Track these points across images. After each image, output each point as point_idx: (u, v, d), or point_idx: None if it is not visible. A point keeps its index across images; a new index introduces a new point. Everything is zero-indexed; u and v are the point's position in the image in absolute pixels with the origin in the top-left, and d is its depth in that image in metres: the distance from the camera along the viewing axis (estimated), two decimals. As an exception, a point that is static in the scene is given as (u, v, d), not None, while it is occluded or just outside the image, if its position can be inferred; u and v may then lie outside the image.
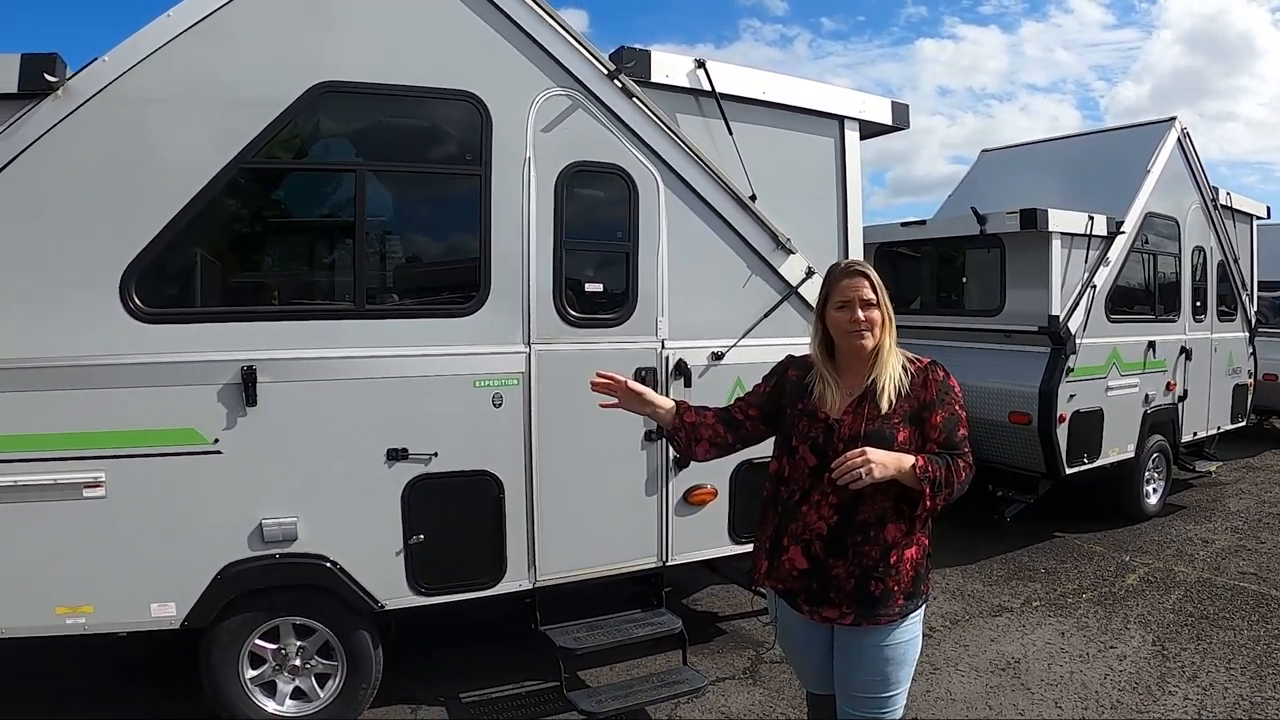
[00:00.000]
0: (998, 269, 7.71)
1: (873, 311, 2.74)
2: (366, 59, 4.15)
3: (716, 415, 2.97)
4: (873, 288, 2.76)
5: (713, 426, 2.94)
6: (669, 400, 3.02)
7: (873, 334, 2.74)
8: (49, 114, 3.70)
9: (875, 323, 2.74)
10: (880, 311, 2.75)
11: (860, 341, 2.74)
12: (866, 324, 2.73)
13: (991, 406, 7.47)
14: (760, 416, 2.99)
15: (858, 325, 2.73)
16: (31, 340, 3.72)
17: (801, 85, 5.18)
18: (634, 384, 2.97)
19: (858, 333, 2.73)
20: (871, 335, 2.74)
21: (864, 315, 2.73)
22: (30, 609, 3.84)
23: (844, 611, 2.71)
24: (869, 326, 2.73)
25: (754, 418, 2.99)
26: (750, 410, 2.99)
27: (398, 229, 4.69)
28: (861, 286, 2.76)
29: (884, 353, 2.75)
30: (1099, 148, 9.10)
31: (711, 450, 2.97)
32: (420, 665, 5.05)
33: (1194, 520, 8.55)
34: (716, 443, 2.95)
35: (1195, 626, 5.79)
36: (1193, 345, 8.83)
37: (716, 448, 2.97)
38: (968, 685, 4.95)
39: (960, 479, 2.64)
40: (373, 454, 4.20)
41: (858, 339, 2.74)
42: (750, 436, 3.01)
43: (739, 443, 3.00)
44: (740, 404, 3.02)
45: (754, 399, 3.02)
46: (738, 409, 3.00)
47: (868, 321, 2.73)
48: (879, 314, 2.75)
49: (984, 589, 6.59)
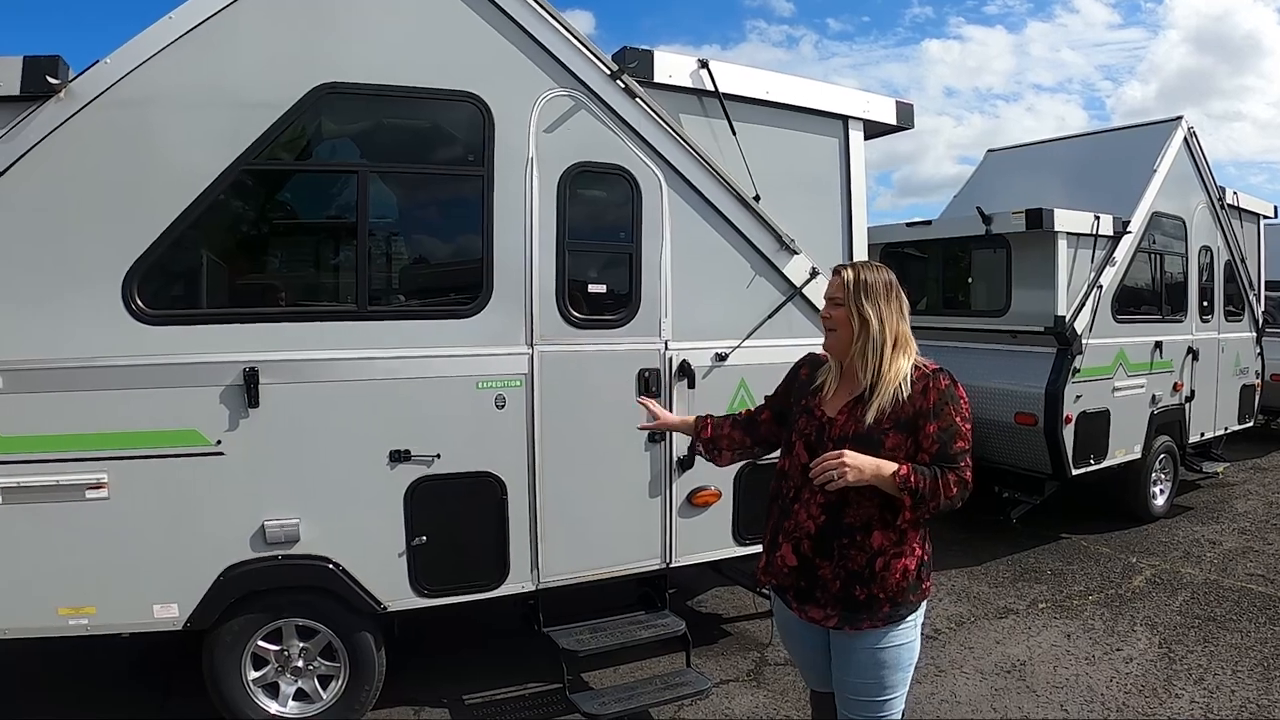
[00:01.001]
0: (1003, 269, 7.69)
1: (837, 310, 2.75)
2: (368, 60, 4.14)
3: (734, 423, 3.12)
4: (843, 286, 2.75)
5: (729, 436, 3.12)
6: (689, 418, 3.26)
7: (836, 334, 2.75)
8: (52, 116, 3.71)
9: (839, 322, 2.74)
10: (846, 311, 2.72)
11: (827, 341, 2.80)
12: (831, 321, 2.77)
13: (997, 407, 7.45)
14: (771, 418, 3.08)
15: (823, 321, 2.81)
16: (34, 341, 3.73)
17: (805, 85, 5.17)
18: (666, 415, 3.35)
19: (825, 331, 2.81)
20: (835, 335, 2.76)
21: (829, 313, 2.79)
22: (33, 610, 3.84)
23: (829, 613, 2.70)
24: (833, 325, 2.76)
25: (766, 420, 3.09)
26: (764, 414, 3.11)
27: (400, 230, 4.68)
28: (833, 284, 2.80)
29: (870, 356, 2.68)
30: (1105, 147, 9.06)
31: (735, 456, 3.17)
32: (423, 667, 5.05)
33: (1201, 521, 8.51)
34: (735, 449, 3.14)
35: (1202, 629, 5.76)
36: (1200, 345, 8.78)
37: (736, 452, 3.15)
38: (972, 688, 4.92)
39: (950, 494, 2.56)
40: (375, 455, 4.19)
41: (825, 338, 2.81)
42: (767, 438, 3.11)
43: (758, 445, 3.13)
44: (758, 407, 3.15)
45: (769, 400, 3.12)
46: (757, 410, 3.13)
47: (832, 319, 2.77)
48: (844, 313, 2.73)
49: (989, 591, 6.56)
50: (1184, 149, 8.60)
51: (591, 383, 4.59)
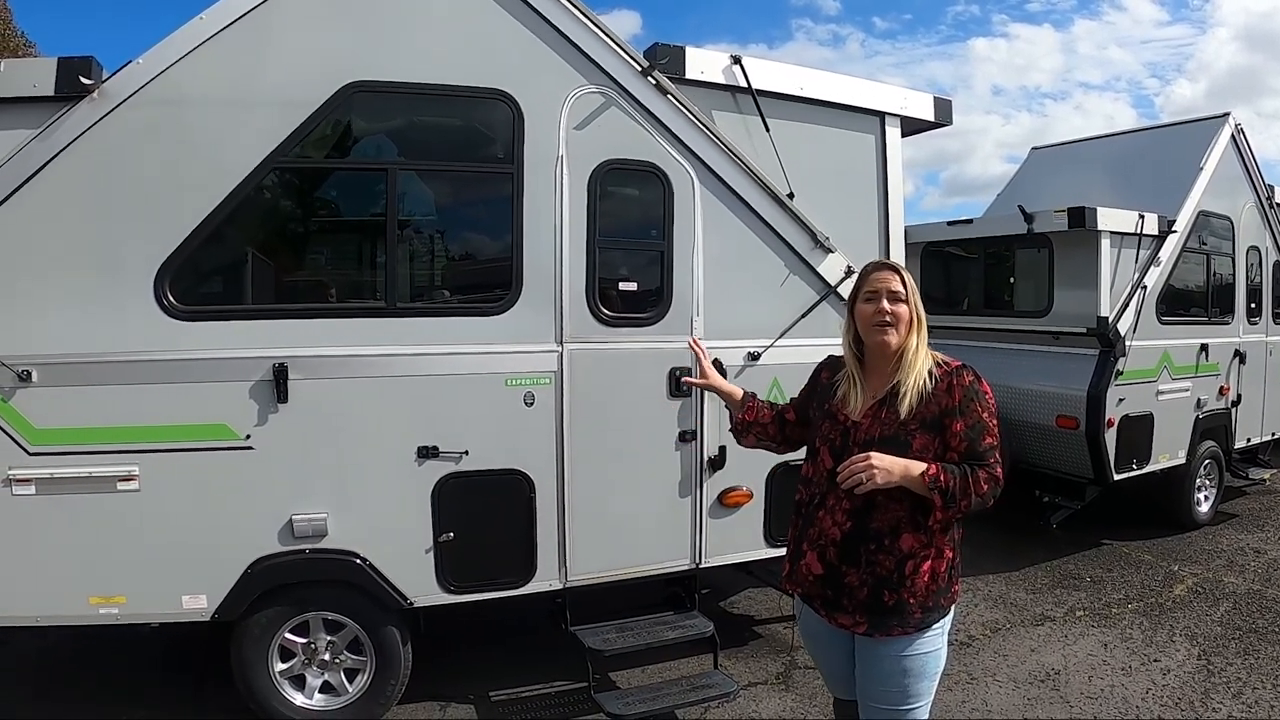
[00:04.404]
0: (1046, 269, 7.53)
1: (899, 306, 2.67)
2: (398, 58, 4.15)
3: (772, 414, 3.10)
4: (903, 283, 2.70)
5: (764, 425, 3.08)
6: (739, 390, 3.17)
7: (897, 330, 2.66)
8: (85, 116, 3.77)
9: (901, 318, 2.66)
10: (908, 309, 2.68)
11: (884, 337, 2.67)
12: (891, 317, 2.66)
13: (1039, 410, 7.33)
14: (796, 420, 3.04)
15: (882, 317, 2.66)
16: (67, 336, 3.79)
17: (840, 81, 5.08)
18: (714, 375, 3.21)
19: (881, 326, 2.67)
20: (895, 332, 2.66)
21: (890, 308, 2.66)
22: (65, 599, 3.92)
23: (857, 620, 2.65)
24: (894, 321, 2.66)
25: (791, 421, 3.05)
26: (789, 414, 3.06)
27: (429, 227, 4.68)
28: (890, 279, 2.70)
29: (909, 354, 2.66)
30: (1151, 145, 8.85)
31: (757, 443, 3.14)
32: (449, 662, 5.06)
33: (1246, 529, 8.30)
34: (762, 438, 3.11)
35: (1243, 640, 5.62)
36: (1247, 348, 8.56)
37: (762, 441, 3.12)
38: (1005, 696, 4.84)
39: (981, 491, 2.53)
40: (403, 452, 4.21)
41: (881, 334, 2.67)
42: (790, 438, 3.07)
43: (783, 443, 3.10)
44: (786, 405, 3.10)
45: (795, 402, 3.08)
46: (785, 408, 3.09)
47: (893, 315, 2.66)
48: (906, 310, 2.67)
49: (1027, 597, 6.45)
50: (1231, 146, 8.36)
51: (621, 381, 4.57)
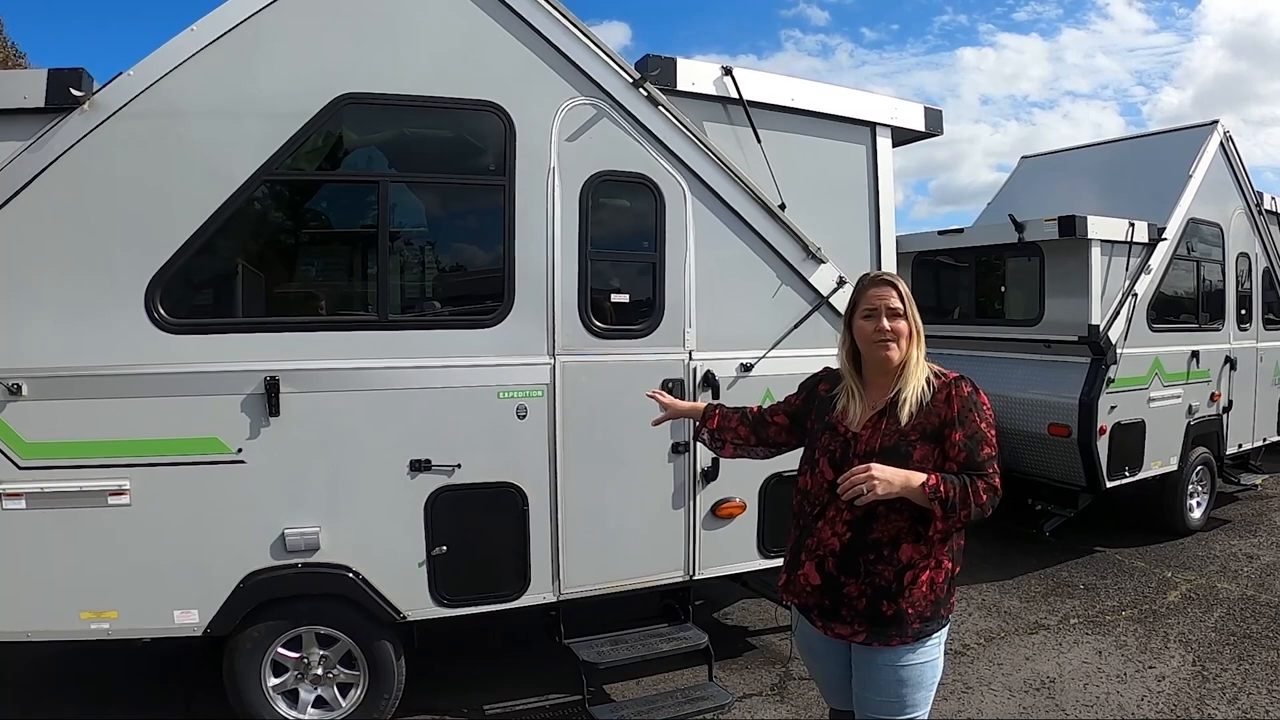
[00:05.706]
0: (1036, 277, 7.56)
1: (899, 322, 2.68)
2: (389, 70, 4.15)
3: (742, 418, 3.13)
4: (901, 298, 2.71)
5: (735, 430, 3.12)
6: (699, 405, 3.29)
7: (898, 345, 2.68)
8: (76, 127, 3.76)
9: (901, 334, 2.68)
10: (907, 323, 2.69)
11: (885, 353, 2.68)
12: (892, 334, 2.67)
13: (1030, 418, 7.34)
14: (788, 424, 3.04)
15: (883, 335, 2.68)
16: (58, 349, 3.77)
17: (831, 91, 5.10)
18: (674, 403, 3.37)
19: (883, 343, 2.68)
20: (897, 347, 2.68)
21: (889, 325, 2.67)
22: (56, 614, 3.89)
23: (856, 629, 2.65)
24: (894, 337, 2.68)
25: (780, 424, 3.05)
26: (778, 416, 3.06)
27: (421, 239, 4.67)
28: (889, 296, 2.71)
29: (909, 366, 2.69)
30: (1140, 152, 8.90)
31: (736, 450, 3.18)
32: (443, 676, 5.04)
33: (1238, 535, 8.32)
34: (738, 443, 3.15)
35: (1237, 646, 5.62)
36: (1238, 355, 8.61)
37: (739, 446, 3.16)
38: (1000, 705, 4.83)
39: (980, 501, 2.53)
40: (395, 465, 4.19)
41: (883, 350, 2.69)
42: (775, 441, 3.08)
43: (762, 444, 3.11)
44: (772, 408, 3.10)
45: (785, 406, 3.07)
46: (768, 412, 3.09)
47: (893, 332, 2.67)
48: (905, 325, 2.69)
49: (1021, 605, 6.45)
50: (1220, 154, 8.42)
51: (614, 393, 4.55)
